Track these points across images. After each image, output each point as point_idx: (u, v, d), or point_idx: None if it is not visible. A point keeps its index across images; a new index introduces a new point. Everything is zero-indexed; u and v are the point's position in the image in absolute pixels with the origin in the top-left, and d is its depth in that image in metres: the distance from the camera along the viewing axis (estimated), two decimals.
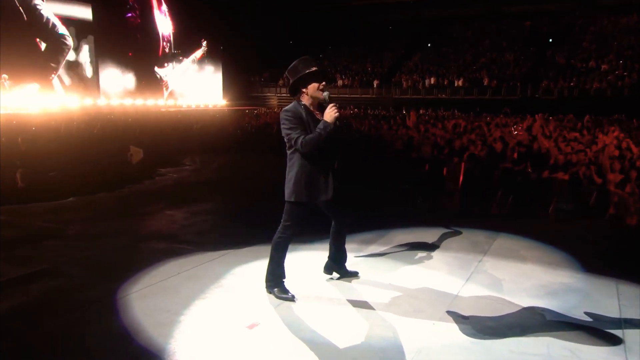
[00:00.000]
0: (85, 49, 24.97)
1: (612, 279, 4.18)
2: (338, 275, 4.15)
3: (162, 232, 5.60)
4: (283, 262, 3.83)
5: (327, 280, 4.11)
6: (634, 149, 9.90)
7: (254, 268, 4.40)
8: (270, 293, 3.80)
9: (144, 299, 3.71)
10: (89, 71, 25.16)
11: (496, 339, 3.13)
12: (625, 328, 3.27)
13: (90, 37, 24.84)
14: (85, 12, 24.68)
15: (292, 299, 3.72)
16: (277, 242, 3.78)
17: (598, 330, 3.24)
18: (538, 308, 3.59)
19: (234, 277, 4.19)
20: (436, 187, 8.37)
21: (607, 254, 4.89)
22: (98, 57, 24.41)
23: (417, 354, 2.96)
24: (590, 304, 3.67)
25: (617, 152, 9.10)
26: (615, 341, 3.09)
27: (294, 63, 3.63)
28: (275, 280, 3.82)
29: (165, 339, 3.12)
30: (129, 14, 23.96)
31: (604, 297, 3.80)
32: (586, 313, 3.51)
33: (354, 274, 4.20)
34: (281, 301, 3.70)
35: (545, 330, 3.23)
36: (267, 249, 4.86)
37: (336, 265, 4.15)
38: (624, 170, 7.62)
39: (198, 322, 3.35)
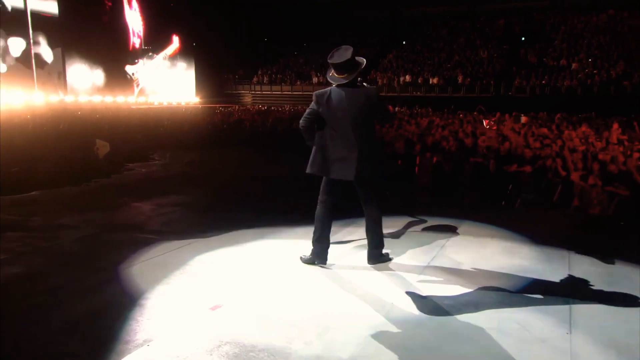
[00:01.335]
0: (44, 43, 24.31)
1: (567, 261, 4.33)
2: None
3: (128, 223, 5.58)
4: None
5: (294, 264, 4.17)
6: (597, 144, 10.22)
7: (220, 255, 4.44)
8: (384, 258, 4.24)
9: (107, 285, 3.73)
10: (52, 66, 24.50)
11: (451, 315, 3.23)
12: (573, 303, 3.41)
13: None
14: (51, 6, 24.10)
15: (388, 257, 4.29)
16: (381, 210, 4.19)
17: (547, 306, 3.37)
18: (493, 288, 3.71)
19: (200, 263, 4.22)
20: (409, 181, 8.54)
21: (565, 239, 5.03)
22: (65, 53, 23.87)
23: (374, 328, 3.04)
24: (542, 283, 3.81)
25: (581, 147, 9.37)
26: (562, 315, 3.22)
27: (352, 54, 3.84)
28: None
29: (127, 320, 3.14)
30: (100, 11, 23.51)
31: (556, 277, 3.93)
32: (538, 292, 3.64)
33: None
34: (243, 286, 3.75)
35: (498, 307, 3.34)
36: (234, 237, 4.94)
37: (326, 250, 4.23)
38: (587, 163, 7.86)
39: (161, 304, 3.38)
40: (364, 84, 4.05)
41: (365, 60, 3.99)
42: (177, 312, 3.26)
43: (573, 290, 3.67)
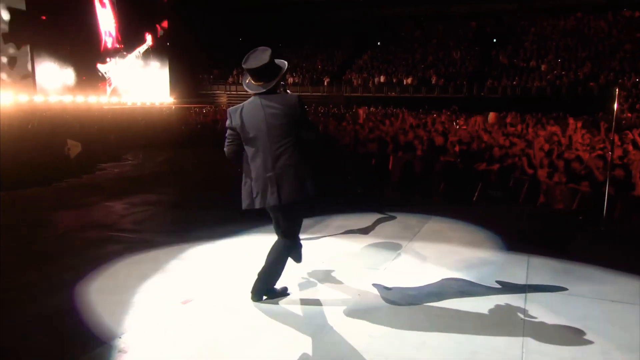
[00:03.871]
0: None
1: (526, 253, 4.54)
2: None
3: (100, 222, 5.60)
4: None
5: (264, 260, 4.25)
6: (563, 141, 10.57)
7: (192, 252, 4.52)
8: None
9: (80, 282, 3.77)
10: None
11: (413, 305, 3.39)
12: (528, 291, 3.61)
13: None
14: (17, 2, 23.40)
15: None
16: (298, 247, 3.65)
17: (505, 295, 3.56)
18: (455, 279, 3.88)
19: (172, 260, 4.29)
20: (382, 179, 8.76)
21: (526, 233, 5.26)
22: (34, 52, 23.25)
23: (341, 318, 3.18)
24: (501, 273, 4.01)
25: (547, 146, 9.70)
26: (517, 300, 3.43)
27: (270, 57, 3.34)
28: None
29: (100, 315, 3.21)
30: (71, 9, 23.04)
31: (514, 268, 4.14)
32: (497, 281, 3.83)
33: None
34: (214, 280, 3.84)
35: (458, 296, 3.51)
36: (206, 234, 5.01)
37: None
38: (553, 161, 8.15)
39: (134, 299, 3.45)
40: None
41: (286, 63, 3.44)
42: (149, 306, 3.34)
43: (529, 280, 3.87)
